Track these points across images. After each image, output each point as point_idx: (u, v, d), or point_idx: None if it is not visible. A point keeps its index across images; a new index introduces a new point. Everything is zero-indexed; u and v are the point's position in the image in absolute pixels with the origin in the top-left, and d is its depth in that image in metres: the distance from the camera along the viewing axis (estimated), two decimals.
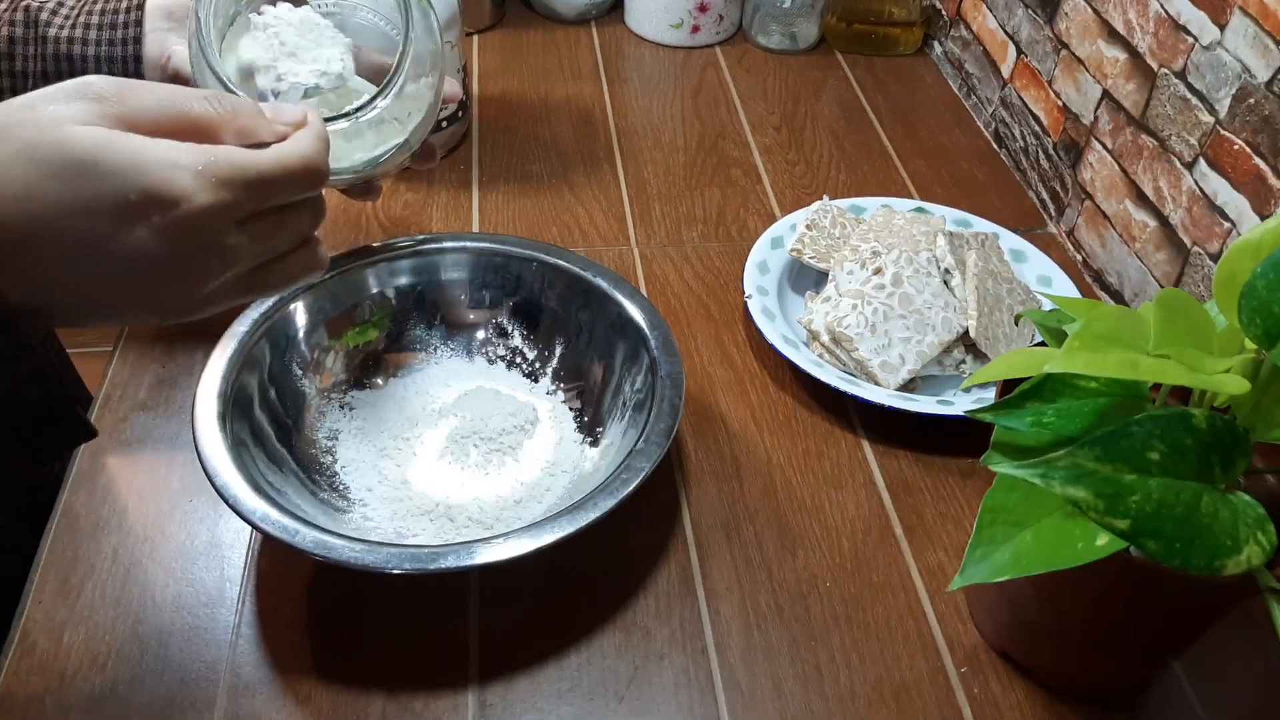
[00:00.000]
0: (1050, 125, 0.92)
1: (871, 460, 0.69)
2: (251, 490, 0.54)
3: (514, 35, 1.13)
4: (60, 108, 0.39)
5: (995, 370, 0.49)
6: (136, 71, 0.62)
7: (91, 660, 0.55)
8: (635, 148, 0.97)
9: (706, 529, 0.64)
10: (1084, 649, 0.55)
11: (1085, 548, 0.43)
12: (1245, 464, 0.44)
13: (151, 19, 0.62)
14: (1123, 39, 0.81)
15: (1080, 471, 0.41)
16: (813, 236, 0.80)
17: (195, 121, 0.41)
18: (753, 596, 0.60)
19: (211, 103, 0.42)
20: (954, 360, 0.72)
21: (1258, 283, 0.43)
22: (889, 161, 0.97)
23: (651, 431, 0.59)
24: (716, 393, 0.73)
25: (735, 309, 0.80)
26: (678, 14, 1.10)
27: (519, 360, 0.71)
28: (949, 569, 0.62)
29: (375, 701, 0.54)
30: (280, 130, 0.44)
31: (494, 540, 0.53)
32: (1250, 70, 0.67)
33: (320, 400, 0.67)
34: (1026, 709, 0.56)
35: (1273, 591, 0.43)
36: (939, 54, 1.13)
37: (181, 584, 0.59)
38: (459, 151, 0.95)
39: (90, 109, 0.39)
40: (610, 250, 0.85)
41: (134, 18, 0.62)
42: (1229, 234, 0.70)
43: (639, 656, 0.57)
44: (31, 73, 0.61)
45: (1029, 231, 0.89)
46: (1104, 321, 0.45)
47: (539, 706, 0.55)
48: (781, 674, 0.57)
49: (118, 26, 0.62)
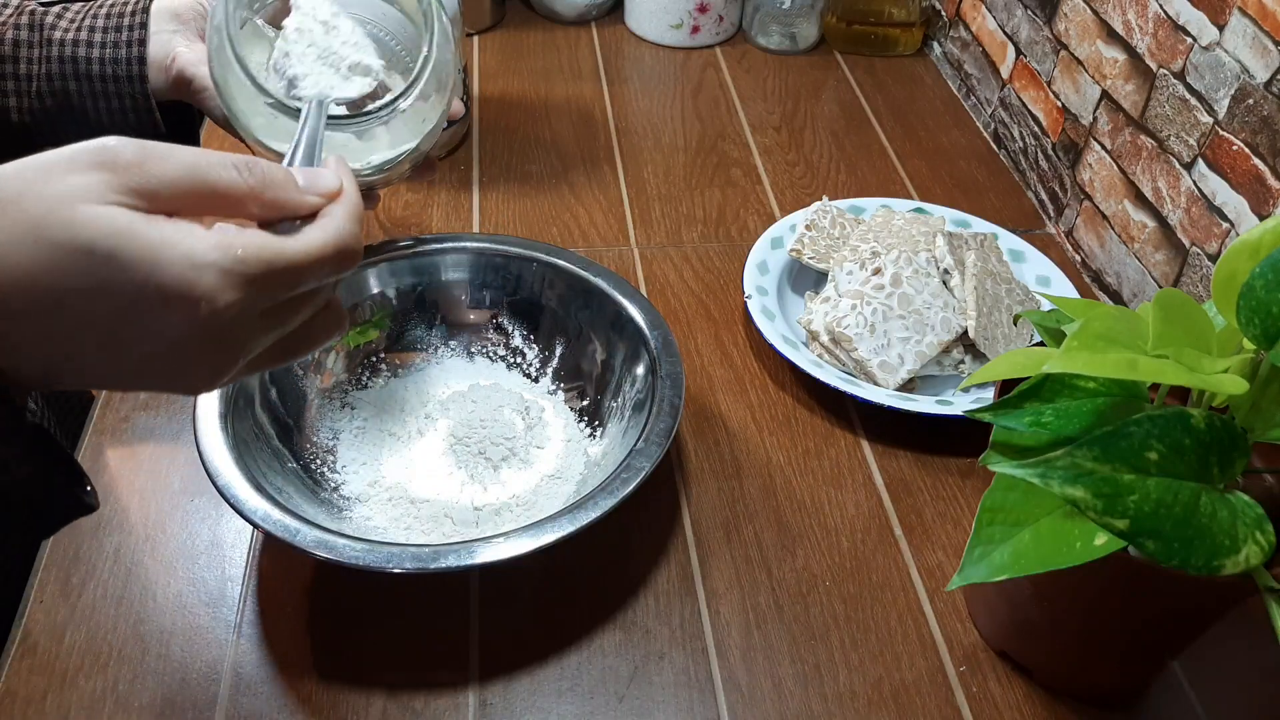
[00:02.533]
0: (1049, 126, 0.92)
1: (871, 460, 0.69)
2: (253, 490, 0.54)
3: (514, 35, 1.13)
4: (75, 180, 0.35)
5: (994, 370, 0.49)
6: (140, 73, 0.61)
7: (93, 659, 0.55)
8: (635, 148, 0.97)
9: (706, 529, 0.64)
10: (1083, 648, 0.55)
11: (1084, 547, 0.44)
12: (1244, 464, 0.44)
13: (157, 21, 0.62)
14: (1122, 40, 0.81)
15: (1079, 471, 0.41)
16: (812, 237, 0.80)
17: (221, 193, 0.38)
18: (753, 596, 0.60)
19: (240, 171, 0.39)
20: (953, 360, 0.72)
21: (1256, 283, 0.43)
22: (888, 162, 0.97)
23: (651, 431, 0.59)
24: (716, 393, 0.73)
25: (735, 309, 0.80)
26: (678, 14, 1.10)
27: (519, 360, 0.71)
28: (948, 568, 0.62)
29: (375, 701, 0.54)
30: (313, 203, 0.41)
31: (494, 540, 0.53)
32: (1249, 71, 0.67)
33: (321, 400, 0.67)
34: (1025, 708, 0.56)
35: (1271, 591, 0.43)
36: (938, 54, 1.14)
37: (183, 583, 0.59)
38: (459, 151, 0.95)
39: (106, 182, 0.35)
40: (610, 250, 0.85)
41: (139, 20, 0.62)
42: (1228, 234, 0.70)
43: (639, 656, 0.57)
44: (36, 75, 0.61)
45: (1028, 232, 0.89)
46: (1102, 322, 0.45)
47: (539, 706, 0.55)
48: (781, 673, 0.57)
49: (123, 29, 0.61)
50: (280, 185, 0.40)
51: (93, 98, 0.62)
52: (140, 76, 0.61)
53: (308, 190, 0.41)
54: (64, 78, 0.61)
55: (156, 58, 0.62)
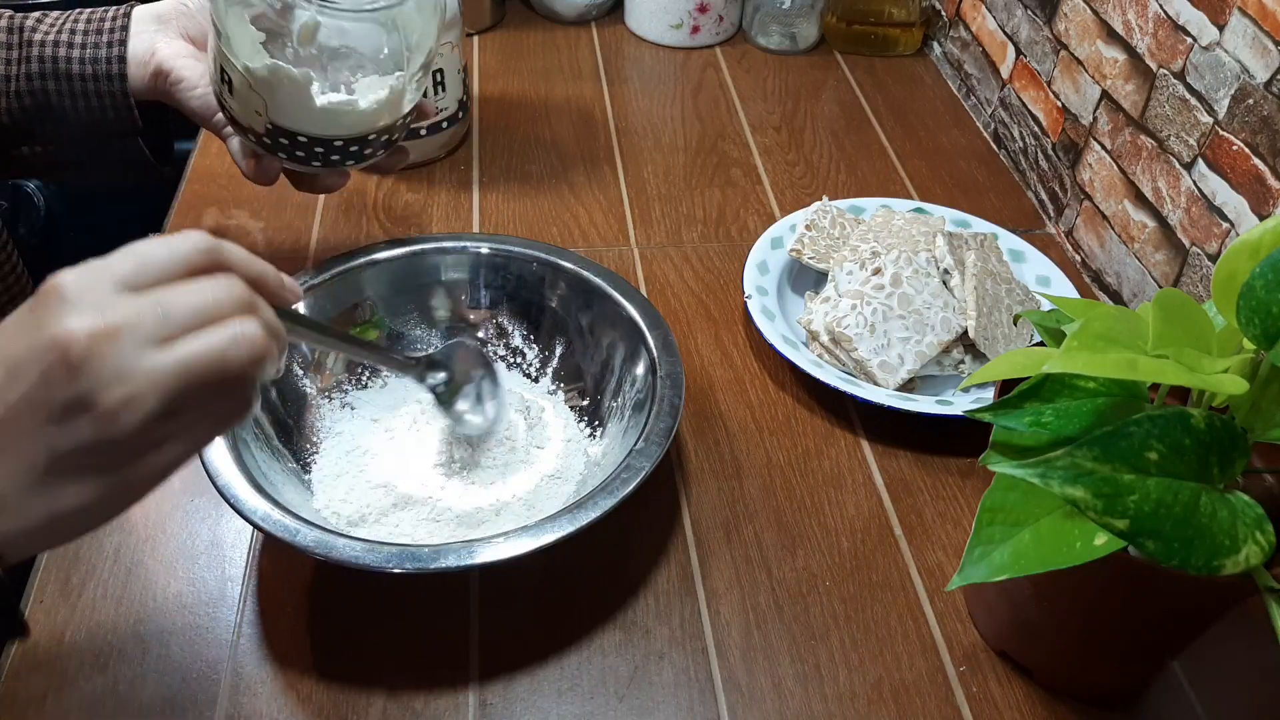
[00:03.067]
0: (1049, 126, 0.92)
1: (871, 460, 0.69)
2: (253, 490, 0.54)
3: (514, 35, 1.13)
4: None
5: (994, 370, 0.49)
6: (120, 71, 0.63)
7: (93, 659, 0.55)
8: (635, 148, 0.97)
9: (706, 529, 0.64)
10: (1083, 648, 0.55)
11: (1084, 547, 0.44)
12: (1244, 464, 0.44)
13: (139, 23, 0.63)
14: (1122, 40, 0.81)
15: (1079, 471, 0.41)
16: (812, 237, 0.80)
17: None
18: (753, 596, 0.60)
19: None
20: (953, 360, 0.72)
21: (1256, 283, 0.43)
22: (888, 162, 0.97)
23: (651, 431, 0.59)
24: (716, 393, 0.73)
25: (735, 309, 0.80)
26: (678, 14, 1.10)
27: (519, 360, 0.71)
28: (948, 568, 0.62)
29: (375, 701, 0.54)
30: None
31: (494, 540, 0.53)
32: (1249, 71, 0.67)
33: (321, 400, 0.67)
34: (1025, 708, 0.56)
35: (1271, 591, 0.43)
36: (938, 54, 1.14)
37: (183, 583, 0.59)
38: (459, 151, 0.95)
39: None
40: (610, 250, 0.85)
41: (121, 23, 0.63)
42: (1227, 234, 0.70)
43: (639, 656, 0.57)
44: (15, 75, 0.62)
45: (1028, 232, 0.89)
46: (1102, 321, 0.45)
47: (539, 706, 0.55)
48: (781, 674, 0.57)
49: (104, 31, 0.63)
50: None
51: (71, 97, 0.63)
52: (120, 75, 0.62)
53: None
54: (43, 77, 0.62)
55: (137, 54, 0.62)
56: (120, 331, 0.36)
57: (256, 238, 0.84)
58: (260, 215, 0.86)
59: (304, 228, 0.85)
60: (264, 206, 0.87)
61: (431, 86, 0.87)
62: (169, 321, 0.37)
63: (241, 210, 0.86)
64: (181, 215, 0.86)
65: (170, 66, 0.62)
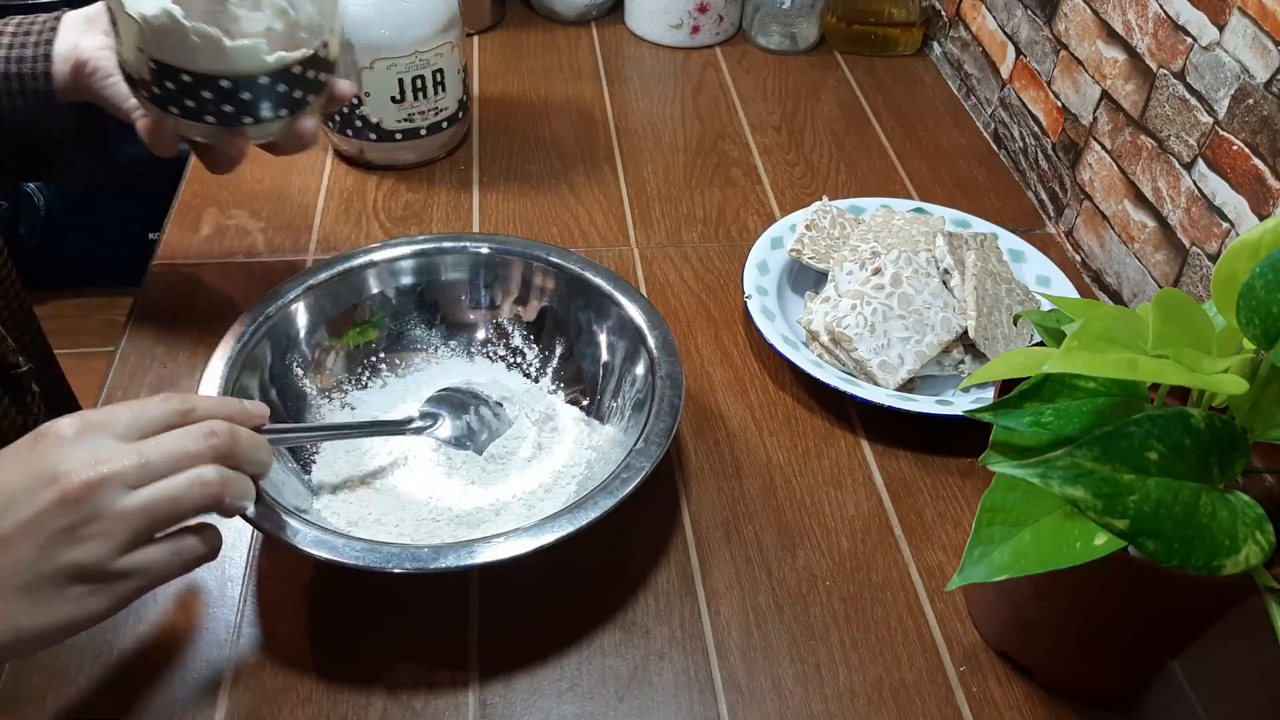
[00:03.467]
0: (1049, 126, 0.92)
1: (871, 460, 0.69)
2: None
3: (514, 35, 1.13)
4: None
5: (994, 370, 0.49)
6: (45, 70, 0.64)
7: (93, 659, 0.55)
8: (635, 148, 0.97)
9: (706, 529, 0.64)
10: (1083, 648, 0.55)
11: (1084, 547, 0.44)
12: (1244, 464, 0.44)
13: (67, 25, 0.66)
14: (1122, 40, 0.81)
15: (1079, 471, 0.41)
16: (812, 237, 0.80)
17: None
18: (753, 596, 0.60)
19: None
20: (953, 360, 0.72)
21: (1256, 283, 0.43)
22: (888, 162, 0.97)
23: (651, 431, 0.59)
24: (716, 393, 0.73)
25: (735, 309, 0.80)
26: (678, 14, 1.10)
27: (519, 360, 0.71)
28: (948, 568, 0.62)
29: (375, 701, 0.54)
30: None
31: (494, 540, 0.53)
32: (1249, 71, 0.67)
33: (321, 400, 0.67)
34: (1025, 708, 0.56)
35: (1271, 591, 0.43)
36: (938, 54, 1.14)
37: (183, 583, 0.59)
38: (459, 151, 0.95)
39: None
40: (610, 250, 0.85)
41: (50, 25, 0.65)
42: (1227, 234, 0.70)
43: (639, 656, 0.57)
44: None
45: (1028, 232, 0.89)
46: (1102, 321, 0.45)
47: (539, 706, 0.55)
48: (781, 673, 0.57)
49: (31, 34, 0.66)
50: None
51: (7, 96, 0.64)
52: (45, 73, 0.64)
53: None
54: None
55: (61, 52, 0.65)
56: (108, 479, 0.44)
57: (256, 238, 0.84)
58: (260, 215, 0.86)
59: (304, 228, 0.85)
60: (264, 206, 0.87)
61: (432, 86, 0.87)
62: (147, 469, 0.45)
63: (241, 210, 0.86)
64: (181, 215, 0.86)
65: (88, 57, 0.63)
